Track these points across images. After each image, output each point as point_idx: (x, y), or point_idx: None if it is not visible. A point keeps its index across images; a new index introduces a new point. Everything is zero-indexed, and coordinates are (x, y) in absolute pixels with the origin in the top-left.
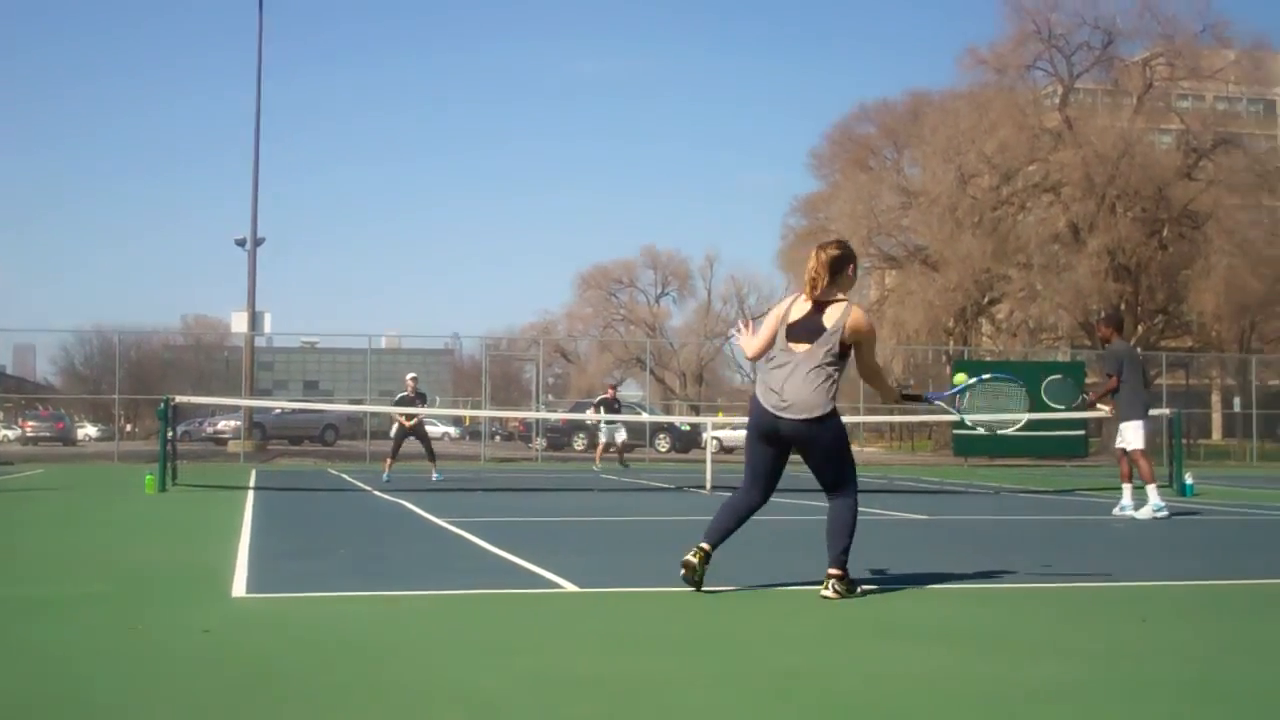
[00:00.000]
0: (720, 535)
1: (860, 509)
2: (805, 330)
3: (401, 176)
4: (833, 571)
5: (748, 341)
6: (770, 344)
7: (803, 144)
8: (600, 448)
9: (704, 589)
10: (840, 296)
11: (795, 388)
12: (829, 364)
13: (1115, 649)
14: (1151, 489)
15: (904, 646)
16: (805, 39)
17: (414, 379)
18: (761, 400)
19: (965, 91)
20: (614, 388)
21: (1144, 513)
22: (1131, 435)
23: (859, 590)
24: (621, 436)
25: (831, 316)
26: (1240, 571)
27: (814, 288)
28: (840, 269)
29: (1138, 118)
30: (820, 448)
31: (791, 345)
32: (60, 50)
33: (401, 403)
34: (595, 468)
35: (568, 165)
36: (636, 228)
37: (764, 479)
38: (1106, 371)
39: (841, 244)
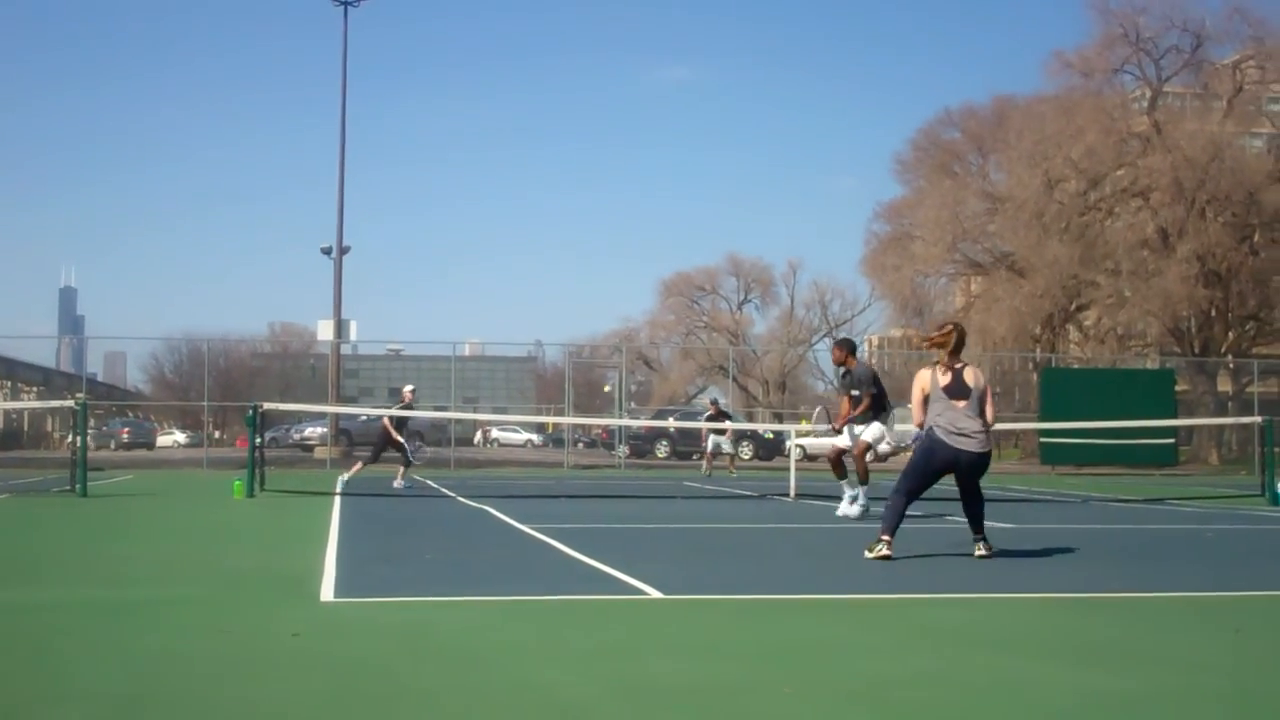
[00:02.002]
0: (896, 529)
1: (946, 517)
2: (960, 389)
3: (485, 185)
4: (979, 540)
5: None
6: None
7: (887, 149)
8: (709, 456)
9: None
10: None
11: (976, 429)
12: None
13: (1211, 659)
14: (861, 490)
15: (993, 655)
16: (889, 44)
17: (412, 390)
18: (945, 439)
19: (1052, 96)
20: (715, 402)
21: (854, 510)
22: (870, 433)
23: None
24: (727, 446)
25: (972, 376)
26: None
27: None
28: (961, 346)
29: (1228, 121)
30: (980, 470)
31: (953, 401)
32: (153, 69)
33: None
34: (705, 473)
35: (651, 172)
36: (719, 234)
37: (923, 492)
38: (858, 393)
39: (958, 325)
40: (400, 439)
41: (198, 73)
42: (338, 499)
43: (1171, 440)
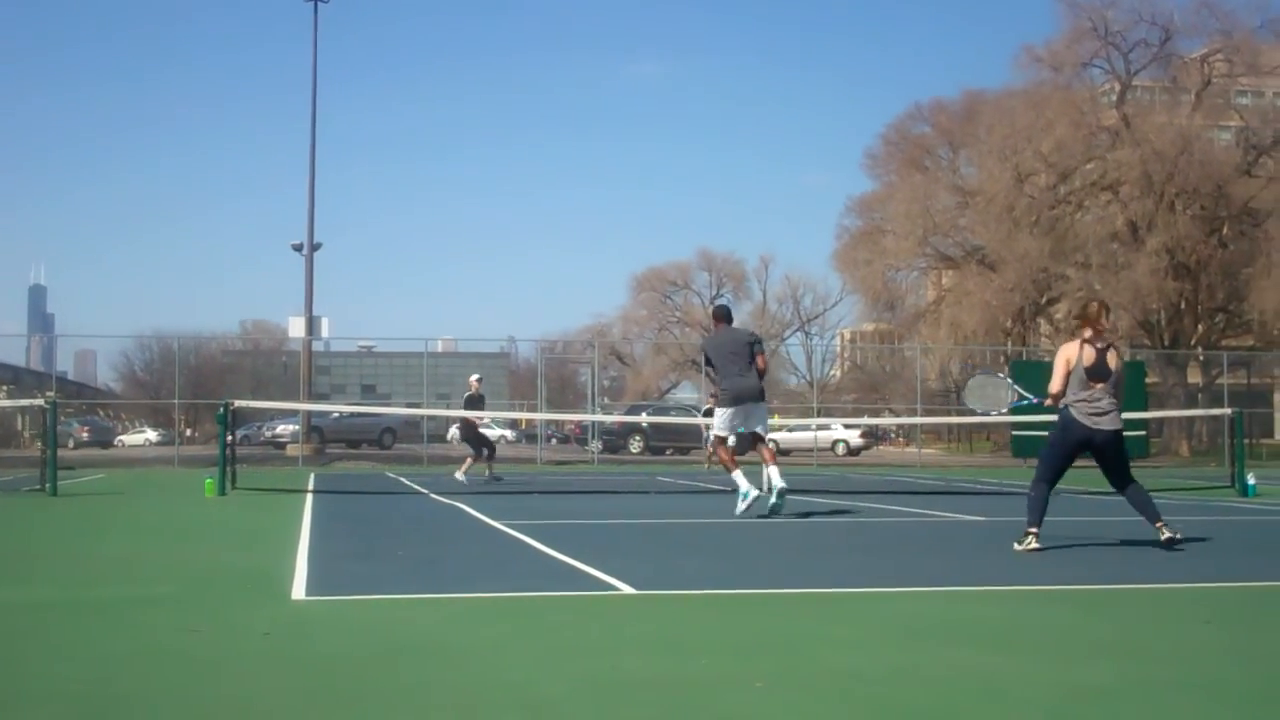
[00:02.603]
0: (1041, 519)
1: (917, 511)
2: (1101, 371)
3: (457, 181)
4: (1160, 524)
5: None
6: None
7: (858, 145)
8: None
9: (753, 590)
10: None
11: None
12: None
13: (1179, 651)
14: (740, 479)
15: (964, 648)
16: (860, 39)
17: (479, 379)
18: (1080, 419)
19: (1021, 90)
20: (714, 397)
21: (741, 505)
22: (716, 423)
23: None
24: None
25: (1115, 358)
26: None
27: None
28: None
29: (1196, 115)
30: (1116, 448)
31: (1091, 382)
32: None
33: (469, 402)
34: (705, 468)
35: (623, 167)
36: (691, 229)
37: (1060, 475)
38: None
39: (1103, 302)
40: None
41: (167, 70)
42: (309, 496)
43: (1142, 432)
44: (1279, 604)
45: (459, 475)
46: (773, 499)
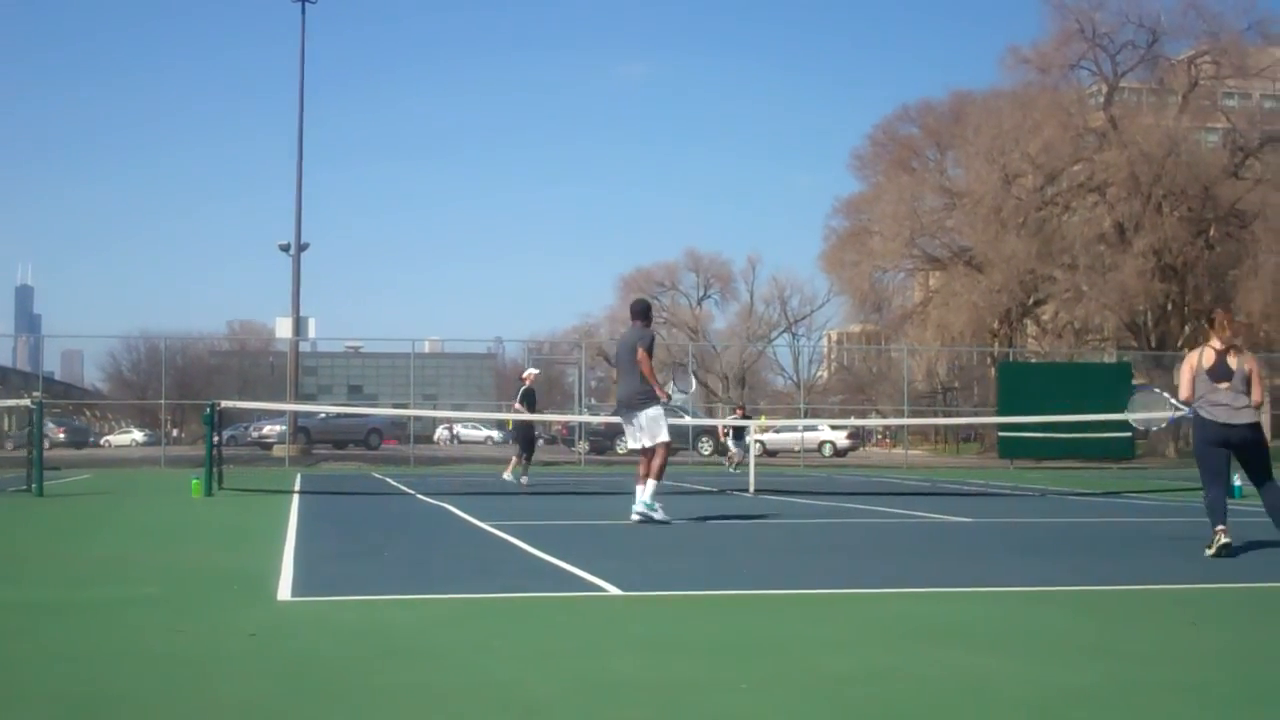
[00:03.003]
0: (1225, 517)
1: (903, 512)
2: (1222, 371)
3: (444, 182)
4: None
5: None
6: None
7: (845, 145)
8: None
9: (738, 591)
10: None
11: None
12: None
13: (1164, 652)
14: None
15: (951, 650)
16: (848, 40)
17: (533, 374)
18: (1209, 417)
19: (1008, 91)
20: (742, 406)
21: (660, 515)
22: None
23: None
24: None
25: (1236, 359)
26: None
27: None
28: (1225, 329)
29: (1183, 116)
30: (1255, 444)
31: (1215, 384)
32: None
33: (525, 396)
34: (733, 470)
35: (611, 168)
36: (679, 230)
37: (1222, 474)
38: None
39: (1224, 309)
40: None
41: (155, 70)
42: (295, 497)
43: (1128, 434)
44: (1263, 605)
45: (506, 475)
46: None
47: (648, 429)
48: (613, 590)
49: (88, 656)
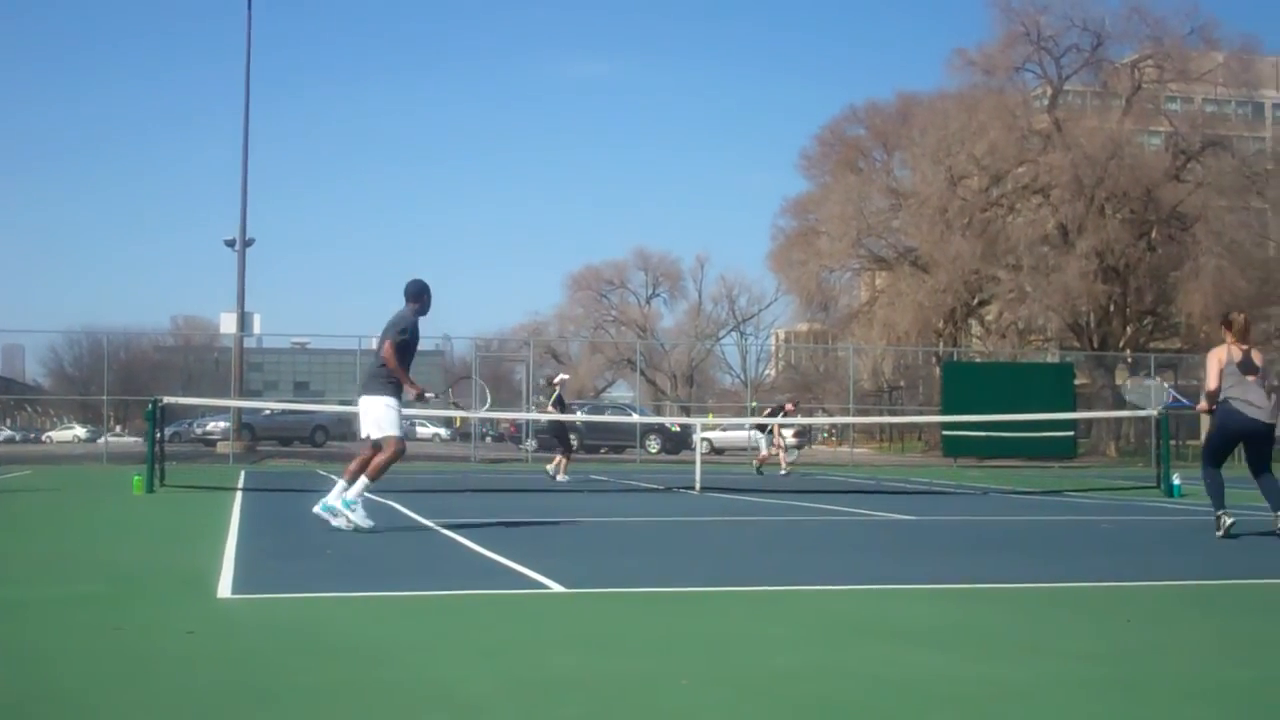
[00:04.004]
0: (1223, 498)
1: (847, 510)
2: (1250, 366)
3: (391, 177)
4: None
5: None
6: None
7: (793, 146)
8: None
9: (682, 589)
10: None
11: (1265, 402)
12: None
13: (1103, 649)
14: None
15: (890, 647)
16: (796, 40)
17: (561, 379)
18: (1241, 409)
19: (954, 93)
20: (792, 403)
21: (359, 516)
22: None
23: None
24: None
25: (1259, 356)
26: (1225, 572)
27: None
28: (1247, 331)
29: (1126, 119)
30: (1268, 440)
31: (1245, 376)
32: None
33: (557, 402)
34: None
35: (558, 166)
36: (627, 229)
37: (1222, 461)
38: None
39: (1244, 313)
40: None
41: (97, 63)
42: (239, 494)
43: (1071, 433)
44: (1199, 604)
45: (560, 477)
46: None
47: (375, 419)
48: (556, 587)
49: (25, 655)
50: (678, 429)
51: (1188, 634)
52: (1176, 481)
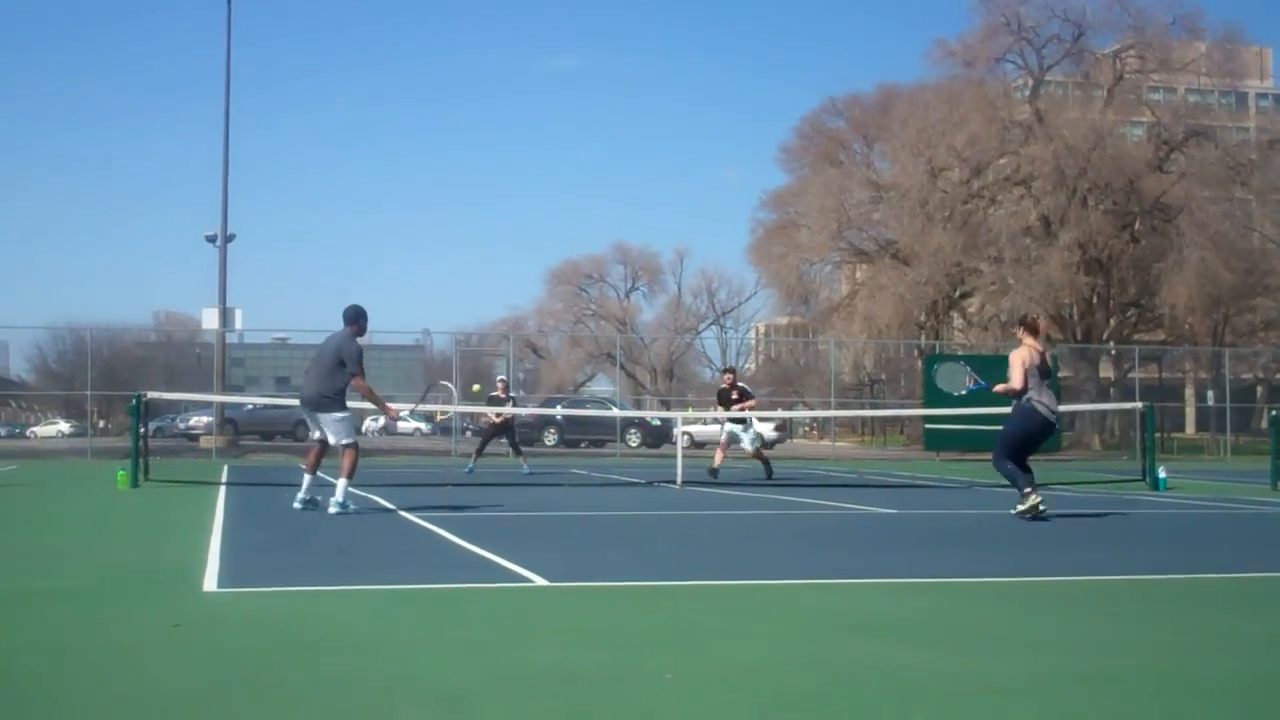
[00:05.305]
0: (1032, 481)
1: (828, 504)
2: (1046, 370)
3: (371, 172)
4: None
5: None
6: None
7: (772, 138)
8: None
9: (664, 582)
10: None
11: (1055, 404)
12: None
13: (1084, 643)
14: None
15: (870, 641)
16: (775, 32)
17: (504, 381)
18: (1042, 411)
19: (935, 85)
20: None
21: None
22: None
23: None
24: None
25: (1049, 359)
26: (1211, 566)
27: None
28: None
29: (1109, 110)
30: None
31: (1043, 380)
32: (25, 48)
33: (492, 402)
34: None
35: (537, 161)
36: (606, 223)
37: (1024, 458)
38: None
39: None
40: (498, 424)
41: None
42: (222, 488)
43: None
44: (1184, 597)
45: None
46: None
47: (333, 430)
48: (539, 581)
49: (9, 648)
50: (658, 423)
51: (1173, 628)
52: (1162, 474)
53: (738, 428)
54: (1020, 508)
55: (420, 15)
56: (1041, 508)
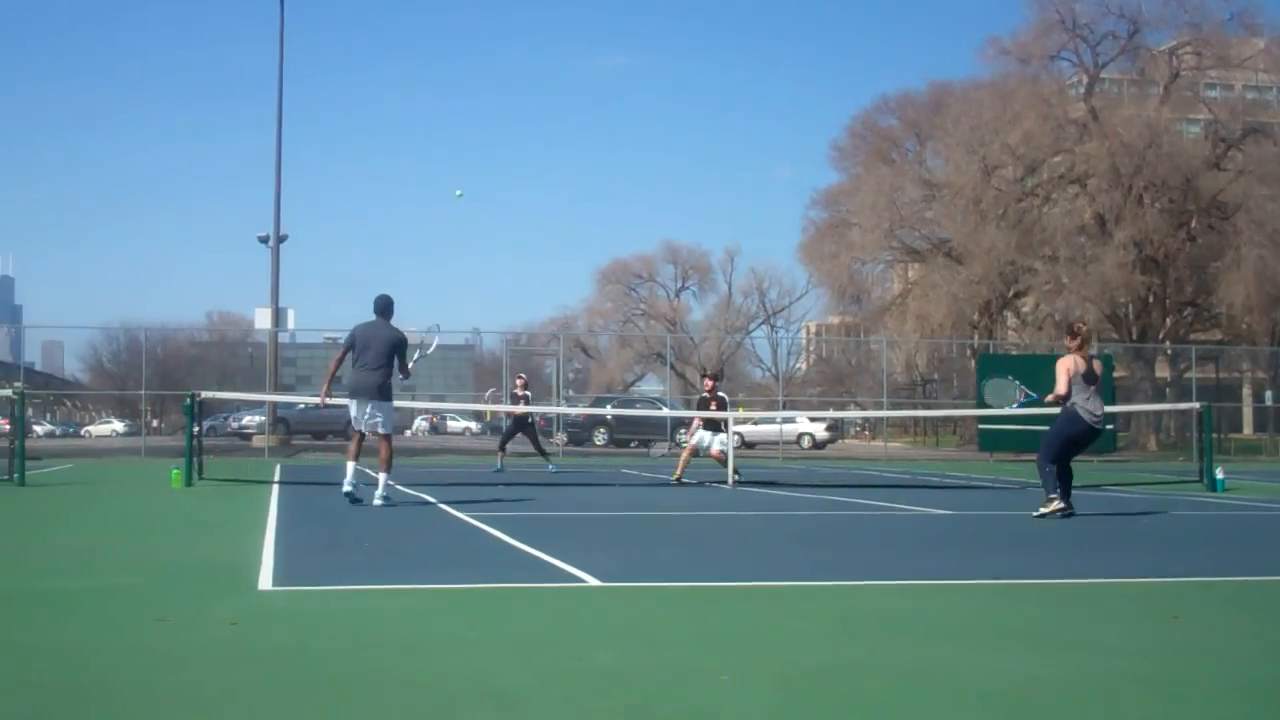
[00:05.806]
0: (1059, 490)
1: (882, 504)
2: (1092, 376)
3: (423, 173)
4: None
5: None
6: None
7: (824, 137)
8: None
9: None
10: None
11: (1100, 410)
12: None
13: (1145, 646)
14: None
15: (930, 643)
16: (827, 31)
17: (523, 378)
18: (1085, 417)
19: (988, 82)
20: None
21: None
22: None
23: None
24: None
25: (1098, 366)
26: (1272, 568)
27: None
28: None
29: (1164, 108)
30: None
31: (1089, 386)
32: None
33: (513, 399)
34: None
35: (588, 160)
36: (656, 222)
37: (1065, 460)
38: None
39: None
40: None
41: (135, 61)
42: (275, 487)
43: (1110, 426)
44: (1247, 600)
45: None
46: (369, 496)
47: (385, 418)
48: (591, 581)
49: (69, 646)
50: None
51: (1236, 631)
52: (1220, 475)
53: (707, 433)
54: (1042, 510)
55: (471, 13)
56: (1059, 516)
